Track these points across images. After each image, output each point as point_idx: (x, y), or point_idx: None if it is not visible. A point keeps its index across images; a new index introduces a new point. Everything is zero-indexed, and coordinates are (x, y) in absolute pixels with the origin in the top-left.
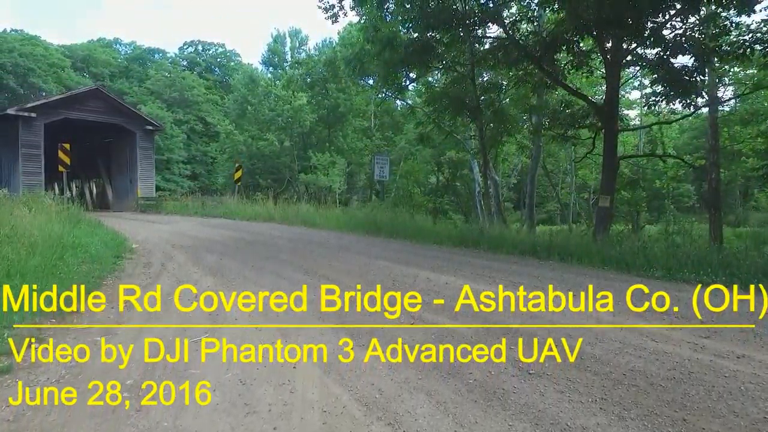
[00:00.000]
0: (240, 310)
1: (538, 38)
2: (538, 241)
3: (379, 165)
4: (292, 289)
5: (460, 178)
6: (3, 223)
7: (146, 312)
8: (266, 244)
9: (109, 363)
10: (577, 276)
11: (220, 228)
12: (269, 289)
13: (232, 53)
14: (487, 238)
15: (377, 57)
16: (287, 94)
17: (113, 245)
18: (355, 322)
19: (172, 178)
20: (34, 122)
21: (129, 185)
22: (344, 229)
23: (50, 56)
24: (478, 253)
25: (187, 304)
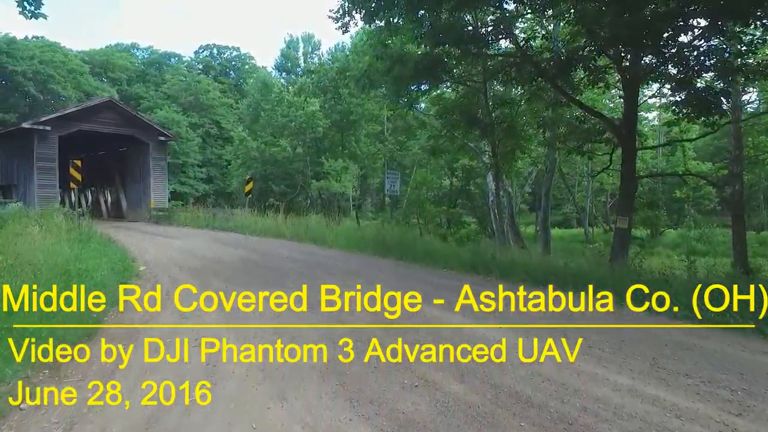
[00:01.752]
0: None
1: (552, 56)
2: (552, 268)
3: (389, 180)
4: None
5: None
6: (8, 251)
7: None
8: (273, 269)
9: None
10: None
11: (229, 246)
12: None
13: (246, 56)
14: (499, 265)
15: (387, 74)
16: (300, 100)
17: (121, 268)
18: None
19: (188, 181)
20: (49, 135)
21: (142, 195)
22: (353, 248)
23: (69, 62)
24: (489, 281)
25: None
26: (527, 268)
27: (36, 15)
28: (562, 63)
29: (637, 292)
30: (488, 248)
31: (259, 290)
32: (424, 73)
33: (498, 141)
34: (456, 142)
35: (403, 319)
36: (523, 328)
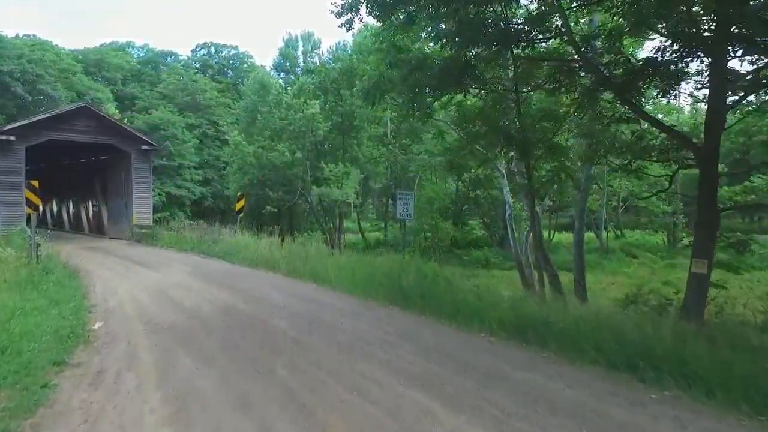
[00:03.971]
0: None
1: (619, 60)
2: (619, 335)
3: (402, 202)
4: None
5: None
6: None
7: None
8: (262, 335)
9: None
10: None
11: (213, 284)
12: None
13: (245, 55)
14: (553, 329)
15: (403, 82)
16: (299, 102)
17: (69, 327)
18: None
19: (184, 184)
20: (14, 146)
21: (124, 210)
22: (361, 291)
23: (61, 61)
24: (551, 362)
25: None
26: (588, 333)
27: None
28: (636, 70)
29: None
30: (536, 308)
31: (240, 381)
32: (449, 80)
33: (534, 161)
34: (477, 156)
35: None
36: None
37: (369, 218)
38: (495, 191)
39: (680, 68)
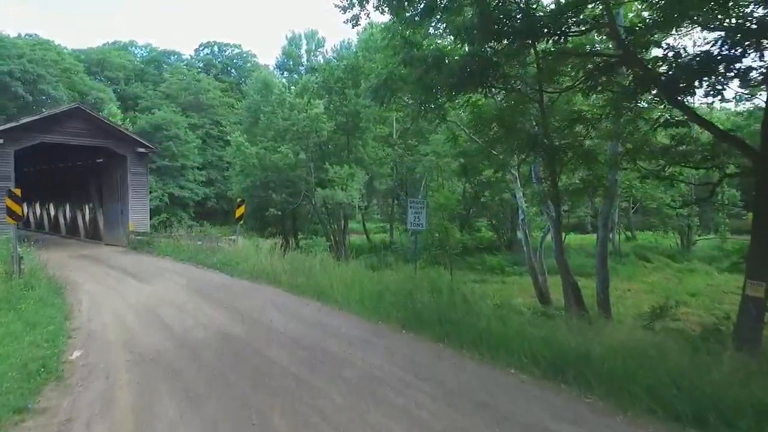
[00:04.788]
0: None
1: (666, 55)
2: (674, 374)
3: (413, 211)
4: None
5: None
6: None
7: None
8: (258, 371)
9: None
10: None
11: (209, 302)
12: None
13: (248, 54)
14: (597, 371)
15: (418, 82)
16: (302, 101)
17: (41, 360)
18: None
19: (187, 185)
20: (3, 150)
21: (120, 216)
22: (371, 313)
23: (63, 61)
24: (595, 408)
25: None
26: (637, 371)
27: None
28: (692, 68)
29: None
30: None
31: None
32: (470, 79)
33: (562, 167)
34: (494, 161)
35: None
36: None
37: (374, 219)
38: (505, 195)
39: (738, 65)
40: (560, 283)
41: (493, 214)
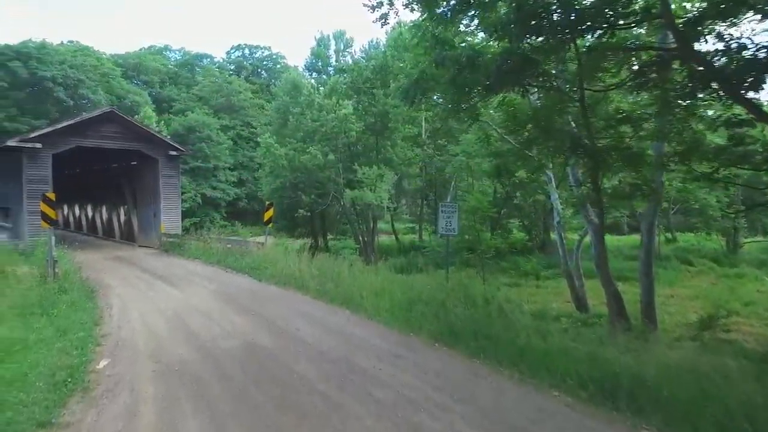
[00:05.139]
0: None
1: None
2: (746, 407)
3: (445, 216)
4: None
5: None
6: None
7: None
8: (285, 384)
9: None
10: None
11: (236, 309)
12: None
13: (278, 56)
14: (655, 398)
15: (451, 82)
16: (331, 102)
17: (69, 369)
18: None
19: (219, 185)
20: (40, 153)
21: (152, 218)
22: (401, 323)
23: (102, 66)
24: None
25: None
26: (701, 400)
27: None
28: (761, 61)
29: None
30: (607, 339)
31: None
32: (506, 78)
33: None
34: (530, 162)
35: None
36: None
37: (402, 219)
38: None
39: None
40: (597, 287)
41: (526, 215)
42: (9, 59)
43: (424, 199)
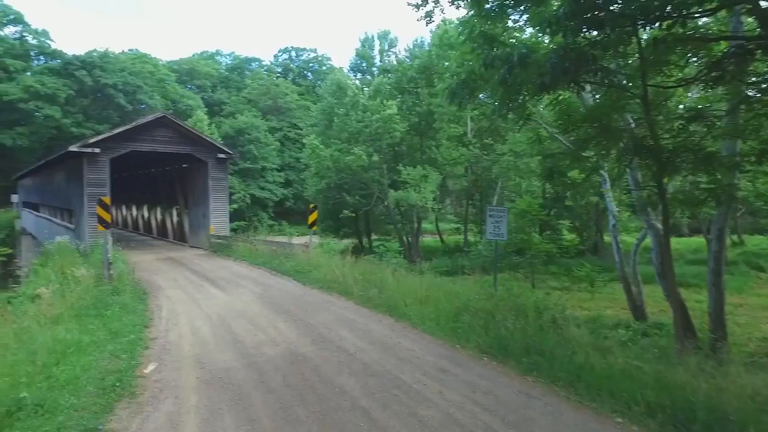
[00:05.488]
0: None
1: None
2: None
3: (493, 220)
4: None
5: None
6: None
7: None
8: (327, 399)
9: None
10: None
11: (279, 314)
12: None
13: (323, 57)
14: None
15: (501, 82)
16: (375, 103)
17: (118, 373)
18: None
19: (267, 186)
20: (99, 158)
21: (202, 220)
22: (448, 334)
23: (158, 72)
24: None
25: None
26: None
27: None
28: None
29: None
30: (674, 357)
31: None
32: (562, 75)
33: (671, 175)
34: (585, 163)
35: None
36: None
37: (447, 219)
38: (593, 197)
39: None
40: (655, 292)
41: (577, 216)
42: (76, 69)
43: (469, 199)
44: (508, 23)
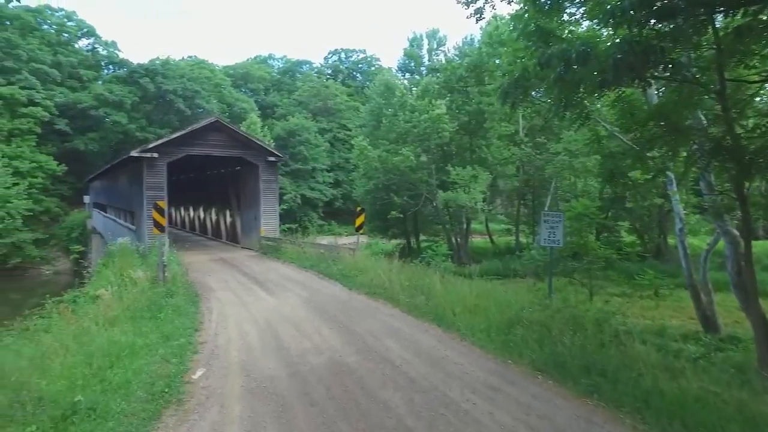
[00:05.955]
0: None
1: None
2: None
3: (548, 225)
4: None
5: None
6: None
7: None
8: (371, 417)
9: None
10: None
11: (325, 320)
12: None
13: (372, 58)
14: None
15: (558, 81)
16: (423, 103)
17: (162, 383)
18: None
19: (317, 186)
20: (157, 162)
21: (253, 221)
22: (499, 347)
23: (215, 77)
24: None
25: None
26: None
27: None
28: None
29: None
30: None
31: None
32: (626, 71)
33: (750, 178)
34: (650, 164)
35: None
36: None
37: (497, 220)
38: (656, 199)
39: None
40: (727, 301)
41: (638, 217)
42: (140, 76)
43: (520, 199)
44: (563, 17)
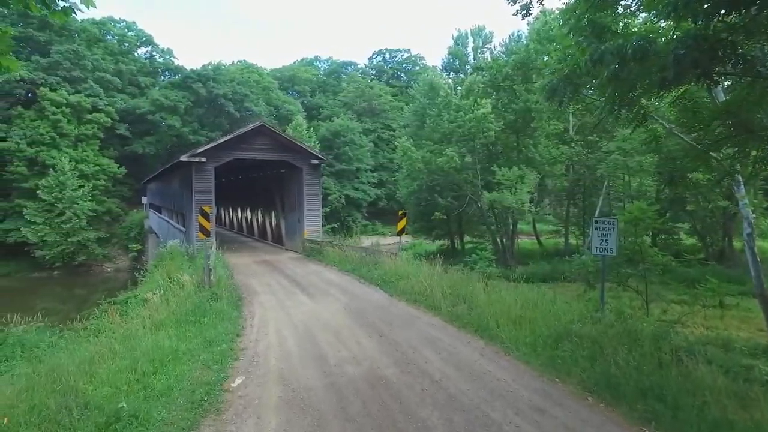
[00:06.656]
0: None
1: None
2: None
3: (600, 232)
4: None
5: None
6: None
7: None
8: (407, 429)
9: None
10: None
11: (364, 327)
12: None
13: (416, 57)
14: None
15: (613, 79)
16: (468, 102)
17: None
18: None
19: (361, 186)
20: (205, 167)
21: (297, 224)
22: (545, 363)
23: (263, 80)
24: None
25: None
26: None
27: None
28: None
29: None
30: None
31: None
32: (691, 68)
33: None
34: (716, 166)
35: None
36: None
37: (545, 220)
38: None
39: None
40: None
41: (699, 219)
42: (193, 82)
43: (570, 199)
44: (618, 9)
